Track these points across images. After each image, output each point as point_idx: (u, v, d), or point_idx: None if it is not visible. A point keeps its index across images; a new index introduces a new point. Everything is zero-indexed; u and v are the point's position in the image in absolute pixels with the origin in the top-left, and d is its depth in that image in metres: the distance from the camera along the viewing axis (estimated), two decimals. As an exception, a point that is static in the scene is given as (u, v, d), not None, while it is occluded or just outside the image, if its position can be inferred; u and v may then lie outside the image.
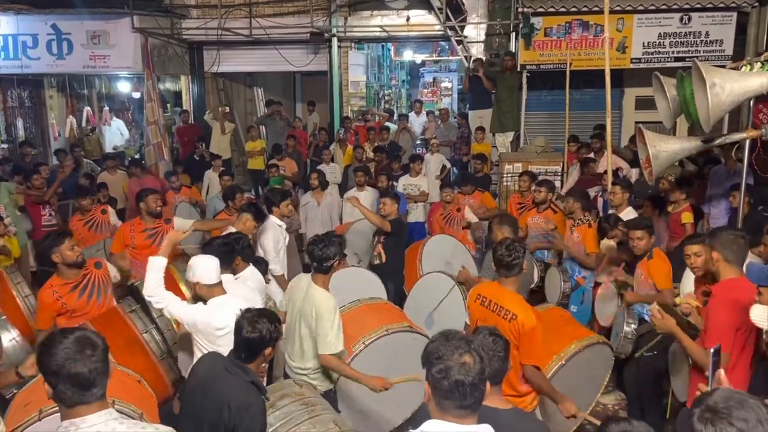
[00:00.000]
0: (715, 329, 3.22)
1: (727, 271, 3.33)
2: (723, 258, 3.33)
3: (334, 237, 3.90)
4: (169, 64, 12.14)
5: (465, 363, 1.89)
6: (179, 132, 12.13)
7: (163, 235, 5.62)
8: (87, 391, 1.96)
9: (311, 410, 3.18)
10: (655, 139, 5.41)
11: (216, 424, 2.71)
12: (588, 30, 9.94)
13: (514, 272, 3.58)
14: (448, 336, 1.98)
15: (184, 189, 8.38)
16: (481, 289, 3.77)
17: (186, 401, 2.95)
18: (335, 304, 3.77)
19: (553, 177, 8.35)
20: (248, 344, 2.82)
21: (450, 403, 1.89)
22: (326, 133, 11.32)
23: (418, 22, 11.45)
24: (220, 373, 2.80)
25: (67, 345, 1.95)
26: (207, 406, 2.76)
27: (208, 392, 2.78)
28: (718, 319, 3.23)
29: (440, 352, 1.91)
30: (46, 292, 4.25)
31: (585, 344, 4.09)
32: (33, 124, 12.99)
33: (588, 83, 10.17)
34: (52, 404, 2.76)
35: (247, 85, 14.06)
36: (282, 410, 3.15)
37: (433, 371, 1.90)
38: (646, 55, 9.97)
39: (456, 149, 11.27)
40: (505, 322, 3.43)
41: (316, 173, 7.88)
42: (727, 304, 3.21)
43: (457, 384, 1.87)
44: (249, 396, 2.72)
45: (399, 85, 17.87)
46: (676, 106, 5.62)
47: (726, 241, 3.35)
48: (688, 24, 9.83)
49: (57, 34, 11.07)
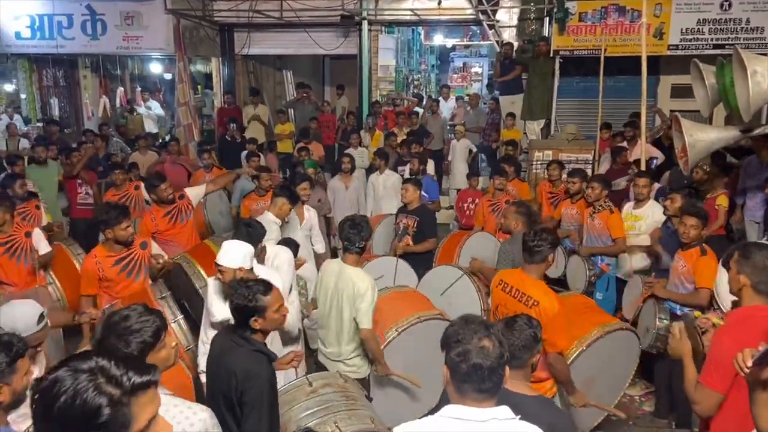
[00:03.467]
0: (713, 363, 2.66)
1: (753, 299, 2.75)
2: (752, 285, 2.74)
3: (364, 218, 3.99)
4: (200, 45, 12.21)
5: (484, 347, 1.90)
6: (220, 113, 12.17)
7: (181, 211, 5.74)
8: None
9: (351, 403, 3.22)
10: (692, 128, 5.30)
11: (227, 396, 2.78)
12: (624, 15, 9.71)
13: (535, 259, 3.58)
14: (467, 320, 1.99)
15: (214, 169, 8.47)
16: (504, 275, 3.77)
17: (208, 377, 3.03)
18: (373, 282, 3.81)
19: (584, 165, 8.22)
20: (233, 312, 2.90)
21: (468, 386, 1.90)
22: (354, 118, 11.30)
23: (450, 5, 11.31)
24: (228, 346, 2.88)
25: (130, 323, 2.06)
26: (219, 378, 2.84)
27: (220, 365, 2.86)
28: (718, 351, 2.64)
29: (459, 336, 1.93)
30: (89, 261, 4.59)
31: (607, 330, 4.01)
32: (67, 103, 13.22)
33: (622, 70, 9.93)
34: None
35: (276, 68, 14.09)
36: (323, 397, 3.20)
37: (452, 354, 1.91)
38: (684, 42, 9.71)
39: (485, 135, 11.16)
40: (527, 309, 3.41)
41: (348, 157, 7.89)
42: (735, 336, 2.62)
43: (475, 367, 1.87)
44: (254, 364, 2.79)
45: (428, 69, 17.71)
46: (714, 95, 5.50)
47: (758, 266, 2.73)
48: (728, 10, 9.54)
49: (91, 14, 11.21)
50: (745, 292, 2.77)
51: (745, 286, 2.76)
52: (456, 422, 1.89)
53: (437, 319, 4.22)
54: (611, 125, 9.06)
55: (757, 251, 2.79)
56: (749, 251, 2.80)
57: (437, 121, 11.08)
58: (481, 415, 1.89)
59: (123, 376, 1.39)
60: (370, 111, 11.40)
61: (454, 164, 10.27)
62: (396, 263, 5.31)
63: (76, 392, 1.33)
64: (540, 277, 3.63)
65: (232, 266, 3.57)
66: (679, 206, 4.90)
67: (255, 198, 6.65)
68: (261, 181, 6.67)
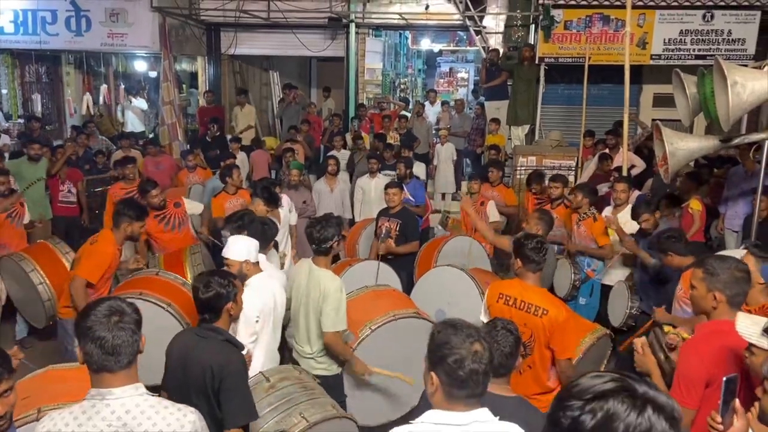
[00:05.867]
0: (682, 379, 2.67)
1: (726, 314, 2.70)
2: (728, 300, 2.71)
3: (332, 218, 3.97)
4: (186, 44, 12.15)
5: (477, 351, 1.89)
6: (201, 112, 12.09)
7: (174, 218, 5.75)
8: (111, 356, 2.01)
9: (310, 393, 3.26)
10: (673, 137, 5.37)
11: (203, 391, 2.77)
12: (608, 24, 9.83)
13: (538, 268, 3.52)
14: (455, 325, 1.97)
15: (198, 169, 8.41)
16: (503, 288, 3.65)
17: (168, 381, 2.96)
18: (341, 284, 3.82)
19: (566, 172, 8.30)
20: (207, 304, 2.94)
21: (463, 392, 1.89)
22: (340, 120, 11.30)
23: (438, 11, 11.37)
24: (193, 342, 2.88)
25: (98, 311, 2.07)
26: (190, 376, 2.82)
27: (188, 362, 2.84)
28: (686, 368, 2.67)
29: (452, 342, 1.91)
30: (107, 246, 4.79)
31: (597, 336, 4.15)
32: (50, 99, 13.05)
33: (606, 78, 10.06)
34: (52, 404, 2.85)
35: (263, 69, 14.05)
36: (281, 391, 3.23)
37: (449, 361, 1.89)
38: (667, 52, 9.85)
39: (470, 140, 11.22)
40: (536, 319, 3.38)
41: (333, 159, 7.87)
42: (702, 352, 2.66)
43: (472, 373, 1.87)
44: (226, 354, 2.83)
45: (415, 74, 17.77)
46: (695, 104, 5.56)
47: (730, 279, 2.70)
48: (710, 21, 9.71)
49: (76, 10, 11.09)
50: (721, 308, 2.72)
51: (721, 303, 2.72)
52: (440, 428, 1.88)
53: (412, 317, 4.22)
54: (594, 133, 9.16)
55: (721, 265, 2.74)
56: (713, 268, 2.74)
57: (423, 125, 11.12)
58: (464, 418, 1.89)
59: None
60: (356, 114, 11.40)
61: (440, 168, 10.31)
62: (378, 265, 5.30)
63: None
64: (537, 284, 3.56)
65: (238, 259, 3.61)
66: (653, 223, 5.10)
67: (226, 197, 6.48)
68: (232, 178, 6.51)
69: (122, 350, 2.03)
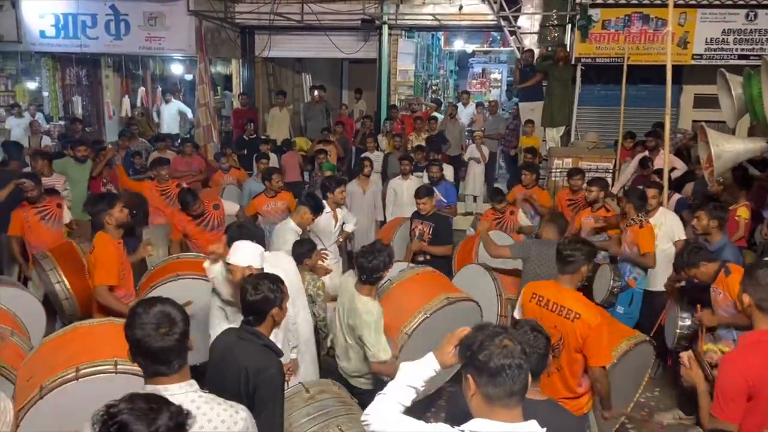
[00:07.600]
0: (721, 394, 2.59)
1: (762, 321, 2.67)
2: (755, 303, 2.68)
3: (383, 248, 3.82)
4: (222, 47, 12.29)
5: (507, 346, 1.87)
6: (235, 114, 12.19)
7: (213, 219, 5.80)
8: (163, 365, 2.05)
9: (348, 408, 3.28)
10: (718, 138, 5.22)
11: (237, 393, 2.75)
12: (648, 23, 9.63)
13: (568, 269, 3.48)
14: (482, 328, 1.98)
15: (233, 170, 8.47)
16: (537, 288, 3.63)
17: (209, 379, 2.96)
18: (380, 312, 3.73)
19: (604, 174, 8.14)
20: (253, 307, 2.92)
21: (499, 390, 1.84)
22: (372, 121, 11.29)
23: (471, 11, 11.27)
24: (234, 343, 2.88)
25: (146, 324, 2.05)
26: (227, 377, 2.82)
27: (227, 363, 2.84)
28: (725, 382, 2.59)
29: (479, 340, 1.91)
30: None
31: (634, 342, 4.00)
32: (89, 102, 13.33)
33: (644, 79, 9.84)
34: (52, 377, 2.88)
35: (295, 71, 14.14)
36: (321, 402, 3.26)
37: (479, 357, 1.87)
38: (708, 52, 9.61)
39: (505, 142, 11.09)
40: (568, 322, 3.33)
41: (368, 161, 7.84)
42: (741, 365, 2.58)
43: (503, 367, 1.83)
44: (264, 359, 2.80)
45: (447, 75, 17.66)
46: (741, 105, 5.41)
47: (762, 282, 2.67)
48: (754, 21, 9.44)
49: (115, 14, 11.30)
50: (754, 314, 2.73)
51: (750, 306, 2.72)
52: None
53: (445, 306, 4.14)
54: (635, 134, 8.96)
55: (760, 269, 2.75)
56: (754, 269, 2.79)
57: (456, 127, 11.03)
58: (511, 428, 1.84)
59: None
60: (388, 115, 11.38)
61: (469, 171, 10.21)
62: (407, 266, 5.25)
63: None
64: (574, 287, 3.51)
65: (241, 264, 3.56)
66: (705, 223, 4.75)
67: (264, 199, 6.54)
68: (271, 182, 6.57)
69: (174, 357, 2.06)
